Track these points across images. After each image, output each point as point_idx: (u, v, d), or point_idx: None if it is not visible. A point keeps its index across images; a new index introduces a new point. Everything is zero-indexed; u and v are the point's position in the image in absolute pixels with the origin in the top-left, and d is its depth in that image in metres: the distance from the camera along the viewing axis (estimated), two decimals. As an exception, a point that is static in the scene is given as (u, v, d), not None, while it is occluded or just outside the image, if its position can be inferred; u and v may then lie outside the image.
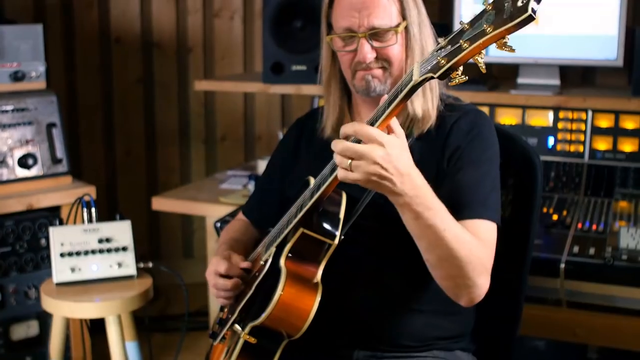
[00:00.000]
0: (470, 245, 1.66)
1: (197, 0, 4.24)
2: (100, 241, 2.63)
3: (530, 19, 1.25)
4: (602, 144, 2.93)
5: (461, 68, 1.39)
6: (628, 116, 2.91)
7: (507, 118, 3.04)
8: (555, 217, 2.71)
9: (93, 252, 2.61)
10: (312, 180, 1.80)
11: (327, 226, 1.72)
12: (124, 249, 2.64)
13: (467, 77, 1.40)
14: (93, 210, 2.69)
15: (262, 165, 3.26)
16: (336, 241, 1.71)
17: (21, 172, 3.11)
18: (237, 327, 1.79)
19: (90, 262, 2.60)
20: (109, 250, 2.62)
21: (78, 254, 2.60)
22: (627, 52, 3.03)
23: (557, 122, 2.99)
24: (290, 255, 1.72)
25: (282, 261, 1.71)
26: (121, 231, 2.66)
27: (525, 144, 2.15)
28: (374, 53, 1.82)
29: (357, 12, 1.80)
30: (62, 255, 2.59)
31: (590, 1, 3.04)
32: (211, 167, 4.38)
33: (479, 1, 3.12)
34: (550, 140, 2.98)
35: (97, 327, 2.78)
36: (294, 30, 3.20)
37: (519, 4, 1.26)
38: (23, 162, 3.10)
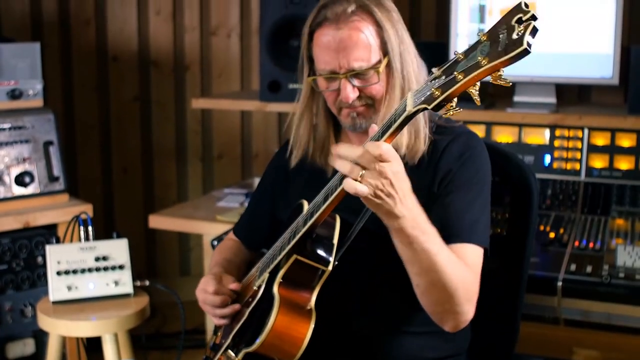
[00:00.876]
0: (460, 271, 1.65)
1: (194, 18, 4.26)
2: (97, 259, 2.62)
3: (526, 52, 1.22)
4: (599, 162, 2.93)
5: (455, 100, 1.36)
6: (624, 134, 2.92)
7: (504, 136, 3.05)
8: (552, 235, 2.71)
9: (90, 270, 2.61)
10: (305, 204, 1.79)
11: (320, 252, 1.70)
12: (121, 267, 2.63)
13: (461, 109, 1.37)
14: (90, 228, 2.68)
15: (259, 183, 3.27)
16: (330, 267, 1.69)
17: (18, 190, 3.11)
18: (231, 352, 1.78)
19: (87, 280, 2.60)
20: (105, 269, 2.62)
21: (75, 272, 2.60)
22: (623, 71, 3.05)
23: (553, 140, 2.99)
24: (283, 281, 1.70)
25: (275, 288, 1.69)
26: (118, 249, 2.65)
27: (521, 162, 2.16)
28: (356, 92, 1.79)
29: (335, 52, 1.77)
30: (58, 273, 2.59)
31: (586, 20, 3.06)
32: (208, 184, 4.38)
33: (475, 20, 3.13)
34: (547, 158, 2.99)
35: (93, 346, 2.77)
36: (290, 49, 3.21)
37: (514, 36, 1.23)
38: (20, 180, 3.10)
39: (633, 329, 2.44)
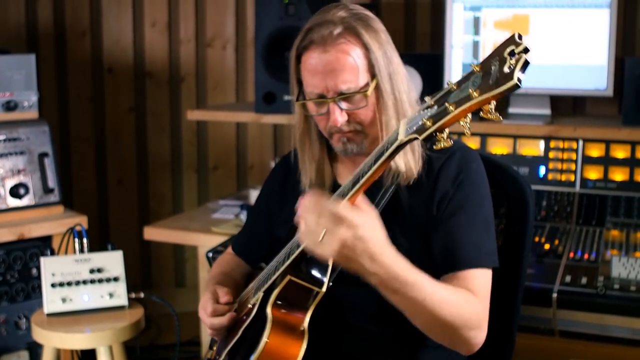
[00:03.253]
0: (458, 305, 1.62)
1: (189, 30, 4.27)
2: (92, 271, 2.62)
3: (516, 87, 1.23)
4: (593, 173, 2.94)
5: (447, 130, 1.35)
6: (618, 145, 2.93)
7: (499, 148, 3.05)
8: (547, 246, 2.71)
9: (84, 282, 2.60)
10: None
11: (315, 273, 1.67)
12: (116, 279, 2.63)
13: (452, 142, 1.36)
14: (84, 240, 2.68)
15: (254, 195, 3.26)
16: (324, 289, 1.66)
17: (13, 202, 3.10)
18: None
19: (82, 292, 2.59)
20: (100, 281, 2.61)
21: (69, 284, 2.59)
22: (617, 82, 3.06)
23: (548, 152, 3.00)
24: (277, 302, 1.69)
25: (268, 309, 1.68)
26: (113, 261, 2.65)
27: (517, 173, 2.16)
28: (344, 116, 1.76)
29: (323, 76, 1.74)
30: (53, 285, 2.58)
31: (580, 32, 3.07)
32: (203, 196, 4.38)
33: (469, 32, 3.14)
34: (542, 170, 2.99)
35: (88, 358, 2.76)
36: (285, 61, 3.18)
37: (506, 69, 1.23)
38: (15, 192, 3.09)
39: (628, 341, 2.43)
